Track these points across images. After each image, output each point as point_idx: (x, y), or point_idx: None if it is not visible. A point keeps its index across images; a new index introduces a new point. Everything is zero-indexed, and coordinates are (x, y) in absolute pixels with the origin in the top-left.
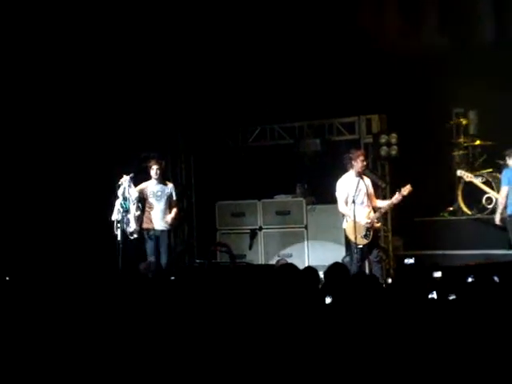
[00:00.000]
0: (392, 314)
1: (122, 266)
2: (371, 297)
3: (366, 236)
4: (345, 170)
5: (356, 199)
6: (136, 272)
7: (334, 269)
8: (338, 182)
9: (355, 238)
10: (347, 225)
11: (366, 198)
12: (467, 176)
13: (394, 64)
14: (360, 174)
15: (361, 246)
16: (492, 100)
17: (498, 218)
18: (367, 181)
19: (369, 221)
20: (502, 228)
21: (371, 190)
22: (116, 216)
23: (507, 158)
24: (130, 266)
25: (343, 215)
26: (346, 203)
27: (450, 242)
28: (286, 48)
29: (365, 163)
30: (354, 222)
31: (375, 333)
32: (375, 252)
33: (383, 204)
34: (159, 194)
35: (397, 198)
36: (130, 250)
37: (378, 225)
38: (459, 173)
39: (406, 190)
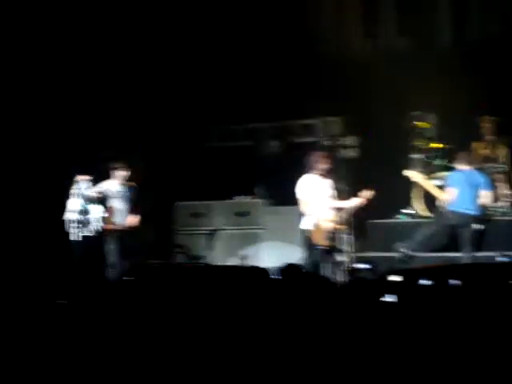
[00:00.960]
0: (344, 316)
1: (76, 266)
2: (324, 298)
3: (328, 238)
4: (305, 171)
5: (319, 201)
6: (90, 272)
7: (289, 270)
8: (299, 183)
9: (317, 239)
10: (310, 226)
11: (328, 200)
12: (414, 176)
13: (354, 66)
14: (322, 176)
15: (322, 248)
16: (450, 103)
17: None
18: (329, 182)
19: (332, 223)
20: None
21: (332, 191)
22: (71, 216)
23: (456, 162)
24: (84, 266)
25: (302, 216)
26: (309, 204)
27: (406, 244)
28: (247, 50)
29: (327, 165)
30: (318, 223)
31: (325, 334)
32: (334, 254)
33: (344, 206)
34: (122, 194)
35: (357, 201)
36: (85, 251)
37: (341, 227)
38: (406, 172)
39: (367, 194)
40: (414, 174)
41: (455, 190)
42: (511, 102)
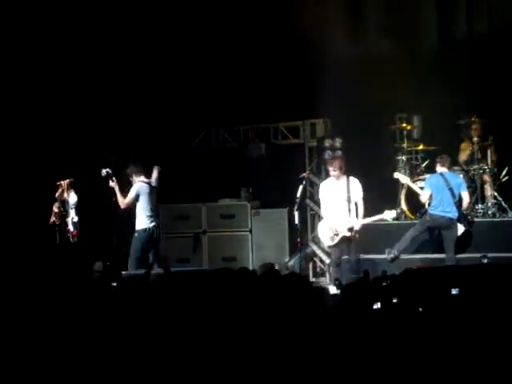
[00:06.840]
0: (336, 321)
1: (61, 269)
2: (300, 298)
3: (333, 239)
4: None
5: (335, 203)
6: (76, 275)
7: (269, 272)
8: (321, 185)
9: (325, 240)
10: (320, 225)
11: (345, 204)
12: (403, 178)
13: (338, 68)
14: (336, 179)
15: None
16: (435, 105)
17: None
18: (353, 185)
19: (340, 230)
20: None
21: (356, 194)
22: (53, 219)
23: (437, 164)
24: (69, 270)
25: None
26: (328, 206)
27: (392, 246)
28: (231, 52)
29: (338, 168)
30: (327, 223)
31: (308, 338)
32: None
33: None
34: None
35: (378, 217)
36: (71, 254)
37: (348, 234)
38: (396, 175)
39: (391, 214)
40: (403, 177)
41: (430, 192)
42: (498, 102)
